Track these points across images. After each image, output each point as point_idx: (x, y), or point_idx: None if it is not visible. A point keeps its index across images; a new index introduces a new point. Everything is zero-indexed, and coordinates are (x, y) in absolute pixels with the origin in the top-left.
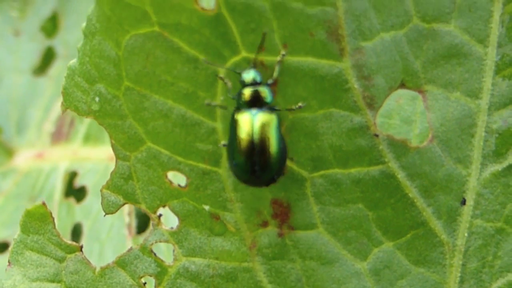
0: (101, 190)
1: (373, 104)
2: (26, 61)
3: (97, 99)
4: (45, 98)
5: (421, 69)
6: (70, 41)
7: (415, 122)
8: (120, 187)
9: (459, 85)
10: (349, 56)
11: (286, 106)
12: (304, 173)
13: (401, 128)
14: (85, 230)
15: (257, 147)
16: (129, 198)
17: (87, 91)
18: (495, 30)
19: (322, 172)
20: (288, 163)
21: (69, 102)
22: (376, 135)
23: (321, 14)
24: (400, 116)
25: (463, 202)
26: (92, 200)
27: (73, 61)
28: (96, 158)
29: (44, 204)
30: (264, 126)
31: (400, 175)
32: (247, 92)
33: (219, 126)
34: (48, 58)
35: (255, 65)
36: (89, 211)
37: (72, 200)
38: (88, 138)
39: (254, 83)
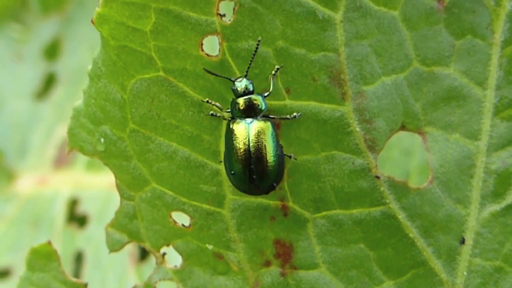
0: (105, 228)
1: (374, 147)
2: (28, 85)
3: (102, 140)
4: (46, 123)
5: (421, 111)
6: (72, 66)
7: (413, 154)
8: (125, 226)
9: (458, 127)
10: (351, 100)
11: (289, 150)
12: (307, 214)
13: (400, 160)
14: (87, 257)
15: (254, 156)
16: (134, 236)
17: (92, 132)
18: (494, 73)
19: (324, 213)
20: (291, 204)
21: (74, 143)
22: (377, 177)
23: (323, 59)
24: (399, 148)
25: (462, 241)
26: (94, 227)
27: (79, 103)
28: (98, 185)
29: (49, 242)
30: (259, 135)
31: (401, 216)
32: (241, 102)
33: (223, 168)
34: (49, 83)
35: (247, 74)
36: (91, 238)
37: (74, 226)
38: (90, 165)
39: (246, 92)
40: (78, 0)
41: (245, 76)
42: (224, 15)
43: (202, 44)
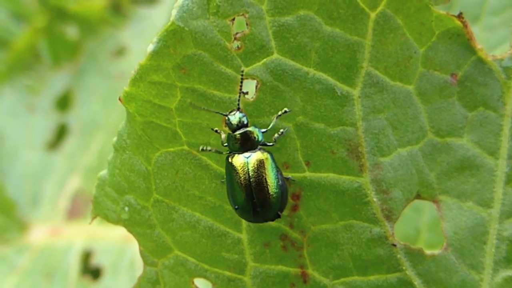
0: None
1: (391, 216)
2: (40, 136)
3: (126, 209)
4: (58, 174)
5: (435, 181)
6: (83, 117)
7: (423, 211)
8: None
9: (471, 195)
10: (368, 171)
11: (308, 219)
12: (326, 281)
13: (410, 217)
14: None
15: (255, 189)
16: None
17: (116, 201)
18: (505, 143)
19: (342, 280)
20: (310, 271)
21: (98, 210)
22: (394, 245)
23: (342, 133)
24: (409, 205)
25: None
26: (109, 280)
27: (103, 172)
28: (112, 238)
29: None
30: (259, 167)
31: (417, 282)
32: (237, 135)
33: (245, 237)
34: (61, 134)
35: (239, 107)
36: None
37: (88, 279)
38: None
39: (241, 125)
40: (89, 53)
41: (238, 109)
42: (247, 93)
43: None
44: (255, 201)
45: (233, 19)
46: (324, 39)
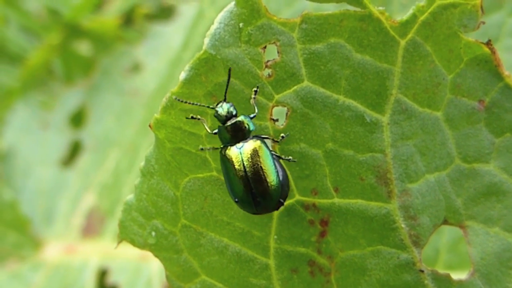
0: None
1: (418, 242)
2: (54, 153)
3: (153, 233)
4: (72, 191)
5: (462, 206)
6: (97, 133)
7: (443, 232)
8: None
9: (498, 221)
10: (396, 198)
11: (336, 245)
12: None
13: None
14: None
15: (252, 179)
16: None
17: (143, 225)
18: None
19: None
20: None
21: (125, 235)
22: (422, 271)
23: (371, 160)
24: None
25: None
26: None
27: (130, 197)
28: (128, 256)
29: None
30: (253, 157)
31: None
32: (228, 127)
33: (272, 262)
34: (75, 150)
35: (225, 98)
36: None
37: None
38: None
39: (230, 116)
40: (103, 69)
41: (224, 100)
42: (277, 120)
43: None
44: (254, 192)
45: (265, 47)
46: (354, 67)
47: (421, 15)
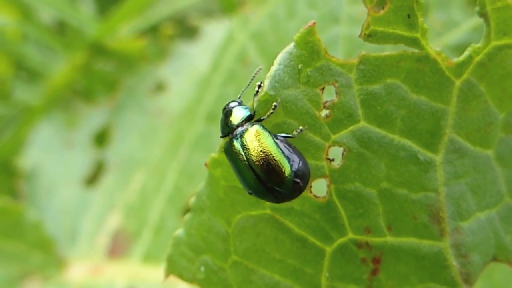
0: None
1: (469, 280)
2: (77, 172)
3: (202, 268)
4: (96, 211)
5: (510, 243)
6: (121, 153)
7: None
8: None
9: None
10: (448, 236)
11: (387, 282)
12: None
13: None
14: None
15: (256, 166)
16: None
17: (192, 260)
18: None
19: None
20: None
21: (173, 269)
22: None
23: (424, 199)
24: None
25: None
26: None
27: (179, 232)
28: (155, 279)
29: None
30: (251, 142)
31: None
32: (222, 116)
33: None
34: (99, 170)
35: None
36: None
37: None
38: (147, 257)
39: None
40: (127, 89)
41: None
42: (333, 160)
43: (311, 187)
44: (264, 181)
45: (323, 88)
46: (410, 107)
47: (476, 56)
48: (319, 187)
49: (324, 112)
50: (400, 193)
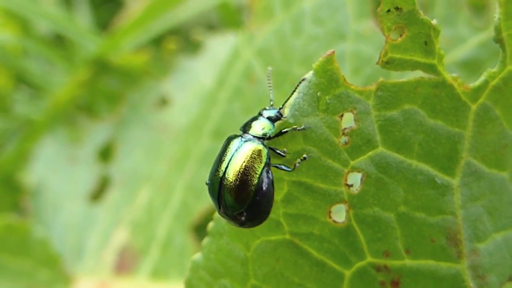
0: None
1: None
2: (82, 188)
3: None
4: (102, 226)
5: None
6: (126, 169)
7: None
8: None
9: None
10: (466, 258)
11: None
12: None
13: None
14: None
15: (229, 176)
16: None
17: (211, 284)
18: None
19: None
20: None
21: None
22: None
23: (441, 222)
24: None
25: None
26: None
27: (198, 256)
28: None
29: None
30: (243, 155)
31: None
32: (251, 118)
33: None
34: (103, 185)
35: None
36: None
37: None
38: (155, 273)
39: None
40: (131, 104)
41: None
42: (351, 185)
43: (330, 212)
44: (221, 186)
45: (342, 115)
46: (427, 132)
47: (492, 80)
48: (338, 213)
49: (343, 139)
50: (418, 216)
